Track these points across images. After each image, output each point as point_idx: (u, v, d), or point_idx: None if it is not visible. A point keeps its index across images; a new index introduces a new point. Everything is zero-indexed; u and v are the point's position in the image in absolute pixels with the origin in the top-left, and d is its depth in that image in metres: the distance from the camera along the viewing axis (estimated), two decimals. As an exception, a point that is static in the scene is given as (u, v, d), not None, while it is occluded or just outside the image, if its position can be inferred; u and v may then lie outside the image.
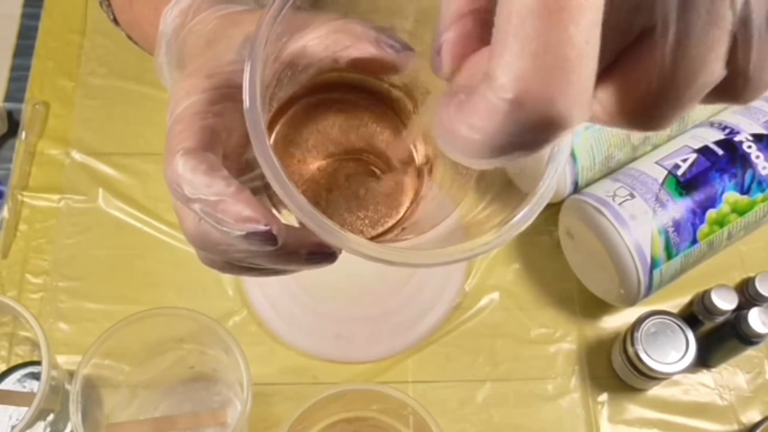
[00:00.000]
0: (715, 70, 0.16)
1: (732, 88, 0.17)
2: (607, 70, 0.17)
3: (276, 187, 0.22)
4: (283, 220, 0.25)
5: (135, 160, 0.62)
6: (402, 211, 0.30)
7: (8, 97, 0.66)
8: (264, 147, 0.22)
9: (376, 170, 0.30)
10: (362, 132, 0.30)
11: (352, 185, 0.30)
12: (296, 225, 0.26)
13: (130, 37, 0.43)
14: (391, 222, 0.30)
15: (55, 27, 0.68)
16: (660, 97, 0.16)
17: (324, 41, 0.27)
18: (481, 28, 0.18)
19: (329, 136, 0.30)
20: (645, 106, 0.17)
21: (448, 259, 0.23)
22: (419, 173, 0.31)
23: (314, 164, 0.30)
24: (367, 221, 0.29)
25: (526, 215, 0.23)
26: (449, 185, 0.29)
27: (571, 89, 0.15)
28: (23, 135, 0.62)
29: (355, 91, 0.30)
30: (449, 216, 0.28)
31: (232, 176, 0.25)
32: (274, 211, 0.28)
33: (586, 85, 0.15)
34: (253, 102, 0.22)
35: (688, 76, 0.16)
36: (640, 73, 0.16)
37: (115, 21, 0.44)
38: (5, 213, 0.60)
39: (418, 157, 0.31)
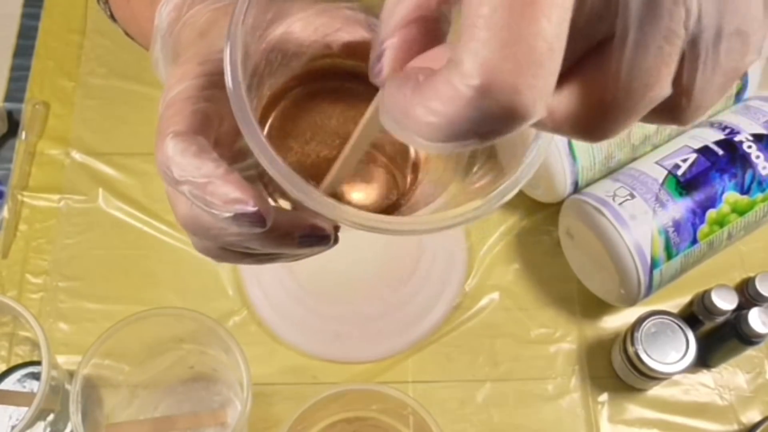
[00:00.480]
0: (665, 86, 0.16)
1: (675, 108, 0.17)
2: (562, 76, 0.16)
3: (254, 149, 0.22)
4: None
5: (135, 160, 0.62)
6: (402, 197, 0.30)
7: (8, 97, 0.66)
8: (246, 115, 0.22)
9: (375, 158, 0.30)
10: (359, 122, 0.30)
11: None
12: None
13: (127, 34, 0.43)
14: (390, 208, 0.30)
15: (55, 27, 0.68)
16: (611, 106, 0.16)
17: (312, 23, 0.27)
18: (426, 37, 0.18)
19: (326, 128, 0.30)
20: (595, 115, 0.17)
21: (442, 224, 0.23)
22: (416, 161, 0.31)
23: (312, 156, 0.30)
24: (367, 206, 0.29)
25: (514, 182, 0.23)
26: (443, 168, 0.29)
27: (539, 82, 0.15)
28: (23, 135, 0.62)
29: (350, 79, 0.30)
30: (441, 195, 0.28)
31: None
32: (270, 201, 0.28)
33: (551, 80, 0.15)
34: (234, 71, 0.22)
35: (641, 88, 0.16)
36: (596, 80, 0.16)
37: (113, 17, 0.44)
38: (5, 213, 0.60)
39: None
